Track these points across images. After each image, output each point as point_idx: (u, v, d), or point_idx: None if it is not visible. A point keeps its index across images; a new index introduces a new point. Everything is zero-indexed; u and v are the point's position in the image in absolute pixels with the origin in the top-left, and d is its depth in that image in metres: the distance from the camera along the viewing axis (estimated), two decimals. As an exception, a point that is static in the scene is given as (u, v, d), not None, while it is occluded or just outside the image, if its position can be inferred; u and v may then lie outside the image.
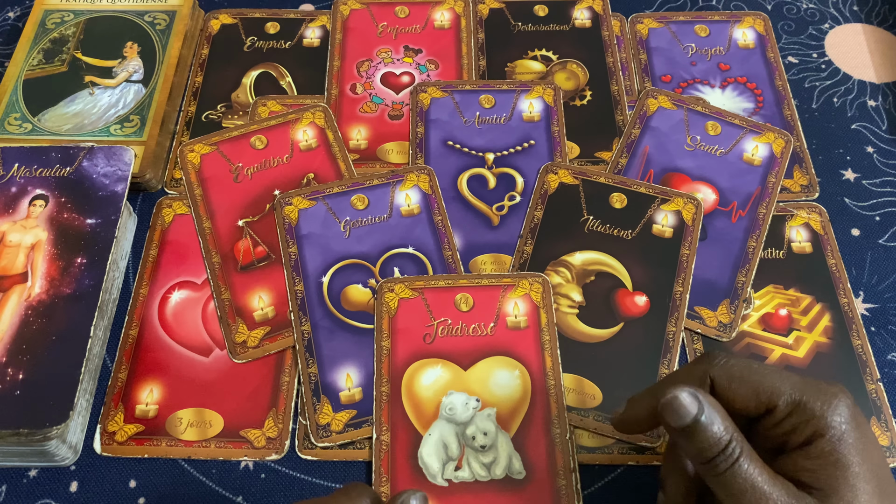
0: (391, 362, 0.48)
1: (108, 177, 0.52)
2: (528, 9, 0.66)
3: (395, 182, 0.55)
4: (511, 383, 0.47)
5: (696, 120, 0.58)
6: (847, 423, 0.32)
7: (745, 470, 0.32)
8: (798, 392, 0.33)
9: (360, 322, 0.50)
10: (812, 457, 0.32)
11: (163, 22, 0.63)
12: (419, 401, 0.46)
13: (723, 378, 0.35)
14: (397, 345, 0.48)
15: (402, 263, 0.52)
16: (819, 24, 0.67)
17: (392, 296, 0.49)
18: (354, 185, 0.54)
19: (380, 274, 0.51)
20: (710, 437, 0.32)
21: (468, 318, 0.49)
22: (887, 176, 0.58)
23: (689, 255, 0.52)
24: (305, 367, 0.48)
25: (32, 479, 0.46)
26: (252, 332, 0.49)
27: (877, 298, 0.53)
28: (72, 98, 0.60)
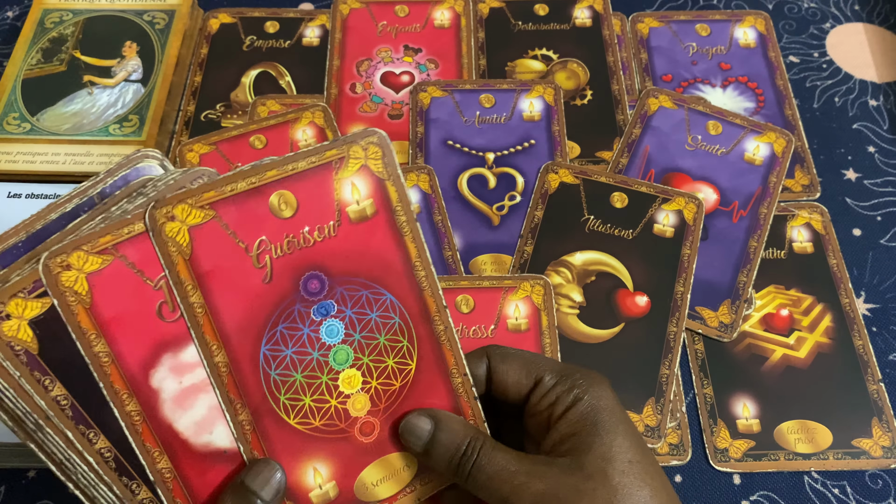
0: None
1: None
2: (529, 8, 0.66)
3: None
4: None
5: (697, 119, 0.58)
6: (604, 391, 0.35)
7: (490, 458, 0.34)
8: (563, 367, 0.36)
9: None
10: (572, 421, 0.34)
11: (162, 21, 0.63)
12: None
13: (497, 357, 0.37)
14: None
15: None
16: (820, 24, 0.66)
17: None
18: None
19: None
20: (450, 440, 0.35)
21: (468, 319, 0.49)
22: (889, 176, 0.58)
23: (690, 255, 0.52)
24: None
25: (31, 479, 0.46)
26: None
27: (878, 298, 0.53)
28: (71, 98, 0.59)
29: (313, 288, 0.35)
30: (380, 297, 0.36)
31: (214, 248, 0.33)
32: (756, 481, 0.47)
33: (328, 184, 0.35)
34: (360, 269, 0.36)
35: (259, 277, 0.34)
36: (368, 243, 0.36)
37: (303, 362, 0.35)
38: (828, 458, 0.47)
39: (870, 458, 0.47)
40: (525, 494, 0.32)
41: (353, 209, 0.35)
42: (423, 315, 0.37)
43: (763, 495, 0.46)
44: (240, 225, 0.34)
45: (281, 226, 0.34)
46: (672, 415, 0.48)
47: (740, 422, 0.48)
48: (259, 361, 0.35)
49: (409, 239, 0.36)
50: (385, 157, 0.35)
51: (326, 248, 0.35)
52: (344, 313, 0.36)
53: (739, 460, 0.47)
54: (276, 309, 0.35)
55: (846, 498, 0.46)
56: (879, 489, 0.46)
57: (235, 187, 0.33)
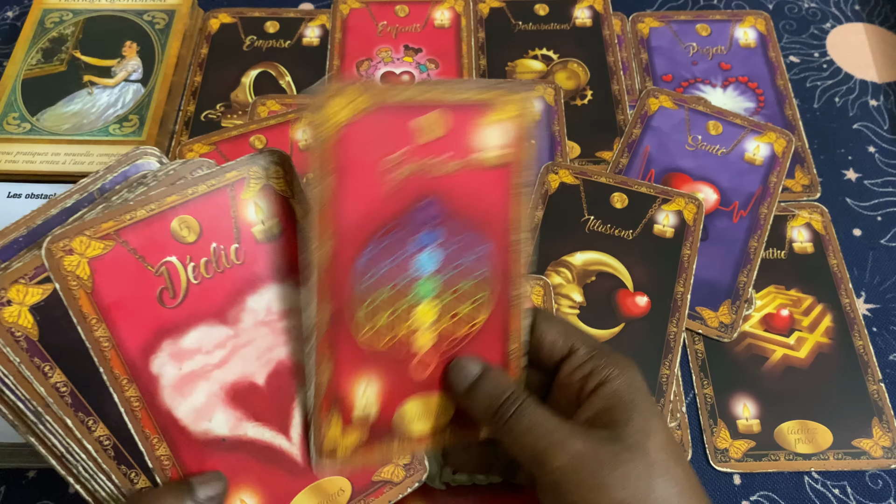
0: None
1: None
2: (529, 8, 0.66)
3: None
4: None
5: (697, 119, 0.58)
6: (637, 374, 0.35)
7: (531, 410, 0.34)
8: (598, 344, 0.37)
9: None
10: (606, 396, 0.34)
11: (162, 21, 0.63)
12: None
13: (542, 315, 0.39)
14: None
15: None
16: (820, 24, 0.66)
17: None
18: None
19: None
20: (494, 386, 0.36)
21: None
22: (889, 176, 0.58)
23: (690, 256, 0.52)
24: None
25: (31, 479, 0.46)
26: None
27: (878, 299, 0.53)
28: (71, 98, 0.59)
29: (429, 213, 0.36)
30: (481, 244, 0.37)
31: (360, 144, 0.33)
32: (756, 481, 0.47)
33: (477, 122, 0.35)
34: (474, 211, 0.36)
35: (387, 186, 0.34)
36: (491, 191, 0.36)
37: (394, 280, 0.36)
38: (828, 459, 0.47)
39: (870, 458, 0.47)
40: (562, 451, 0.33)
41: (488, 154, 0.36)
42: (507, 276, 0.38)
43: (763, 495, 0.46)
44: (389, 132, 0.34)
45: (423, 146, 0.35)
46: (672, 415, 0.48)
47: (740, 422, 0.48)
48: (357, 267, 0.35)
49: (520, 200, 0.37)
50: (528, 118, 0.36)
51: (452, 181, 0.36)
52: (447, 247, 0.37)
53: (739, 460, 0.47)
54: (390, 221, 0.35)
55: (846, 498, 0.46)
56: (880, 489, 0.46)
57: (398, 95, 0.34)
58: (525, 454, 0.34)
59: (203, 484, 0.34)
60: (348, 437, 0.37)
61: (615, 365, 0.35)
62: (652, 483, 0.32)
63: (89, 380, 0.33)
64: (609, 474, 0.32)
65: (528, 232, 0.38)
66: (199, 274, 0.34)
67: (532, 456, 0.33)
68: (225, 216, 0.35)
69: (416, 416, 0.38)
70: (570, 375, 0.36)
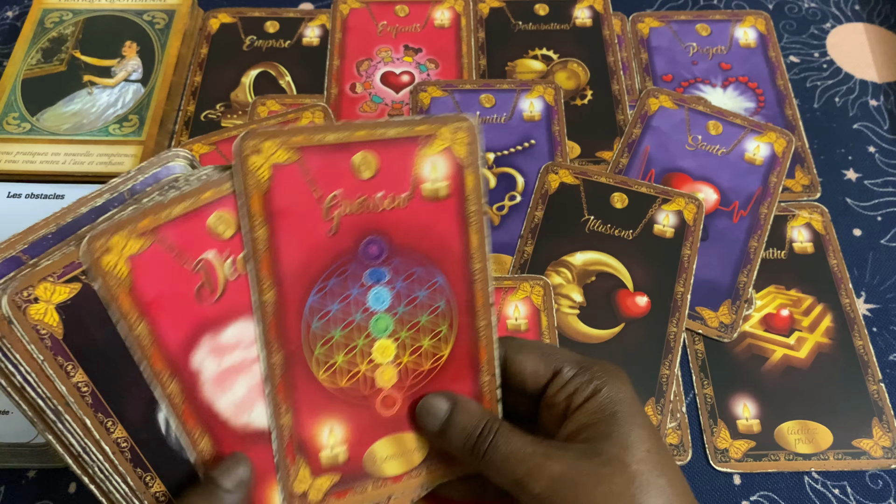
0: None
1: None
2: (529, 8, 0.66)
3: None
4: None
5: (697, 119, 0.58)
6: (623, 384, 0.35)
7: (505, 440, 0.34)
8: (581, 359, 0.36)
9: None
10: (591, 411, 0.34)
11: (162, 21, 0.63)
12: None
13: (514, 348, 0.38)
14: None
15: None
16: (820, 24, 0.66)
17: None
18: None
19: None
20: (467, 421, 0.35)
21: None
22: (889, 176, 0.58)
23: (690, 256, 0.52)
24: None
25: (31, 479, 0.46)
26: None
27: (878, 299, 0.53)
28: (70, 97, 0.59)
29: (372, 252, 0.36)
30: (432, 279, 0.37)
31: (291, 190, 0.34)
32: (756, 481, 0.47)
33: (410, 157, 0.35)
34: (421, 245, 0.36)
35: (325, 229, 0.35)
36: (434, 223, 0.36)
37: (345, 321, 0.36)
38: (828, 459, 0.47)
39: (870, 458, 0.47)
40: (541, 476, 0.32)
41: (427, 187, 0.36)
42: (469, 307, 0.37)
43: (763, 495, 0.46)
44: (320, 174, 0.34)
45: (357, 185, 0.35)
46: (672, 415, 0.48)
47: (740, 422, 0.48)
48: (304, 310, 0.35)
49: (473, 229, 0.37)
50: (471, 144, 0.36)
51: (394, 218, 0.35)
52: (394, 284, 0.36)
53: (740, 460, 0.47)
54: (332, 263, 0.35)
55: (846, 498, 0.46)
56: (880, 489, 0.46)
57: (324, 138, 0.34)
58: (506, 483, 0.34)
59: (226, 473, 0.34)
60: (319, 481, 0.37)
61: (599, 378, 0.35)
62: (634, 497, 0.31)
63: (110, 381, 0.33)
64: (591, 492, 0.31)
65: (488, 260, 0.37)
66: (235, 270, 0.34)
67: (513, 484, 0.33)
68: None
69: (387, 455, 0.37)
70: (556, 396, 0.36)
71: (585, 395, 0.35)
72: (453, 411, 0.36)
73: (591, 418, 0.34)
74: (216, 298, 0.34)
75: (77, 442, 0.33)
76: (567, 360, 0.36)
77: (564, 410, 0.35)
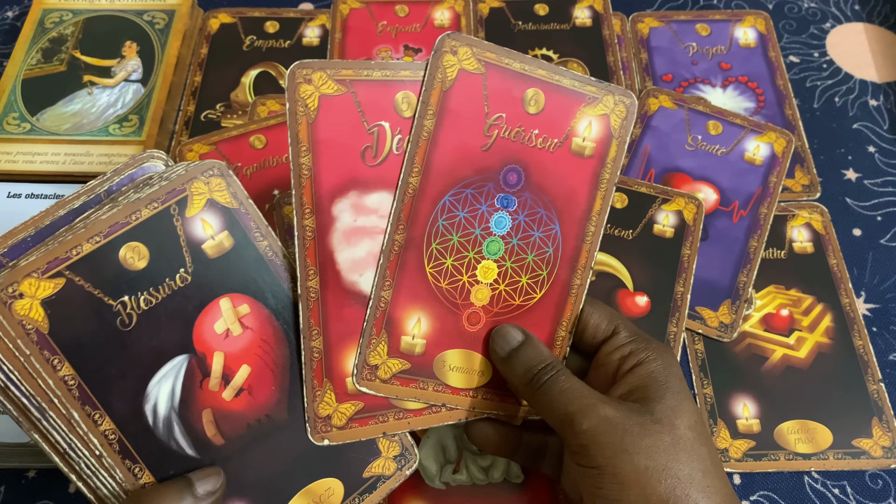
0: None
1: None
2: (529, 8, 0.66)
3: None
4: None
5: (697, 119, 0.58)
6: (674, 361, 0.37)
7: (567, 377, 0.36)
8: (639, 330, 0.39)
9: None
10: (642, 376, 0.36)
11: (162, 21, 0.63)
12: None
13: (588, 301, 0.40)
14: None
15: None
16: (820, 24, 0.66)
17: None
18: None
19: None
20: (534, 354, 0.37)
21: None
22: (889, 176, 0.58)
23: (690, 256, 0.52)
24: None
25: (31, 479, 0.46)
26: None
27: (878, 299, 0.53)
28: (70, 97, 0.59)
29: (511, 180, 0.38)
30: (550, 224, 0.39)
31: (468, 98, 0.37)
32: (756, 481, 0.47)
33: (573, 110, 0.38)
34: (553, 191, 0.39)
35: (481, 143, 0.38)
36: (571, 176, 0.39)
37: (465, 229, 0.38)
38: (828, 458, 0.47)
39: (870, 458, 0.47)
40: (592, 414, 0.34)
41: (577, 142, 0.39)
42: (572, 262, 0.40)
43: (763, 495, 0.46)
44: (495, 93, 0.37)
45: (521, 116, 0.38)
46: (672, 415, 0.48)
47: (740, 422, 0.48)
48: (438, 204, 0.38)
49: (601, 194, 0.39)
50: (625, 119, 0.39)
51: (539, 157, 0.38)
52: (518, 216, 0.39)
53: (739, 460, 0.47)
54: (475, 175, 0.38)
55: (846, 498, 0.46)
56: (879, 489, 0.46)
57: (510, 63, 0.38)
58: (555, 417, 0.35)
59: (202, 480, 0.35)
60: (392, 361, 0.39)
61: (654, 350, 0.37)
62: (678, 456, 0.33)
63: (97, 374, 0.33)
64: (636, 441, 0.33)
65: (602, 228, 0.40)
66: (401, 146, 0.37)
67: (562, 418, 0.34)
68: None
69: (456, 366, 0.39)
70: (610, 355, 0.38)
71: (639, 359, 0.36)
72: (524, 343, 0.38)
73: (642, 382, 0.35)
74: (376, 163, 0.37)
75: (63, 438, 0.33)
76: (627, 326, 0.39)
77: (615, 372, 0.37)
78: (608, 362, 0.38)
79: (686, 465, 0.33)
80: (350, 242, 0.37)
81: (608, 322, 0.39)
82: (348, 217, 0.37)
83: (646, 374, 0.36)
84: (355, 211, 0.37)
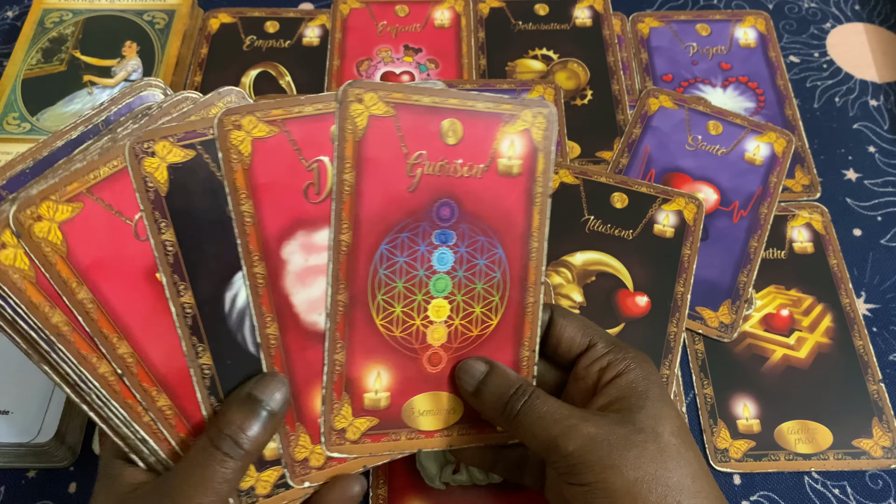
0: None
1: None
2: (529, 8, 0.66)
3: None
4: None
5: (697, 119, 0.58)
6: (653, 369, 0.37)
7: (542, 401, 0.35)
8: (614, 339, 0.38)
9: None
10: (622, 386, 0.36)
11: (162, 21, 0.63)
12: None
13: (559, 312, 0.40)
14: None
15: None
16: (820, 24, 0.66)
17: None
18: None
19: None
20: (502, 381, 0.37)
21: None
22: (889, 176, 0.58)
23: (690, 256, 0.52)
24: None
25: (31, 479, 0.46)
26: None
27: (878, 299, 0.53)
28: (71, 97, 0.59)
29: (444, 214, 0.38)
30: (493, 249, 0.38)
31: (383, 142, 0.36)
32: (756, 481, 0.47)
33: (493, 131, 0.37)
34: (488, 216, 0.38)
35: (406, 184, 0.37)
36: (503, 198, 0.38)
37: (408, 274, 0.37)
38: (828, 459, 0.47)
39: (870, 458, 0.47)
40: (575, 435, 0.33)
41: (503, 162, 0.38)
42: (522, 282, 0.39)
43: (763, 495, 0.46)
44: (411, 132, 0.36)
45: (441, 149, 0.37)
46: (672, 415, 0.48)
47: (740, 422, 0.48)
48: (375, 255, 0.37)
49: (537, 209, 0.39)
50: (547, 130, 0.38)
51: (468, 186, 0.38)
52: (459, 248, 0.38)
53: (739, 460, 0.47)
54: (407, 217, 0.37)
55: (846, 498, 0.46)
56: (880, 489, 0.46)
57: (420, 99, 0.36)
58: (538, 443, 0.35)
59: (269, 392, 0.35)
60: (359, 421, 0.38)
61: (632, 359, 0.36)
62: (665, 464, 0.33)
63: (195, 248, 0.35)
64: (623, 454, 0.33)
65: (545, 241, 0.39)
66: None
67: (545, 443, 0.34)
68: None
69: (425, 410, 0.39)
70: (588, 368, 0.37)
71: (618, 370, 0.36)
72: (489, 373, 0.38)
73: (622, 392, 0.35)
74: (320, 199, 0.36)
75: (73, 370, 0.33)
76: (602, 337, 0.38)
77: (594, 384, 0.37)
78: (587, 375, 0.37)
79: (675, 472, 0.33)
80: (305, 283, 0.36)
81: (583, 335, 0.39)
82: (299, 258, 0.36)
83: (625, 385, 0.36)
84: (305, 251, 0.36)
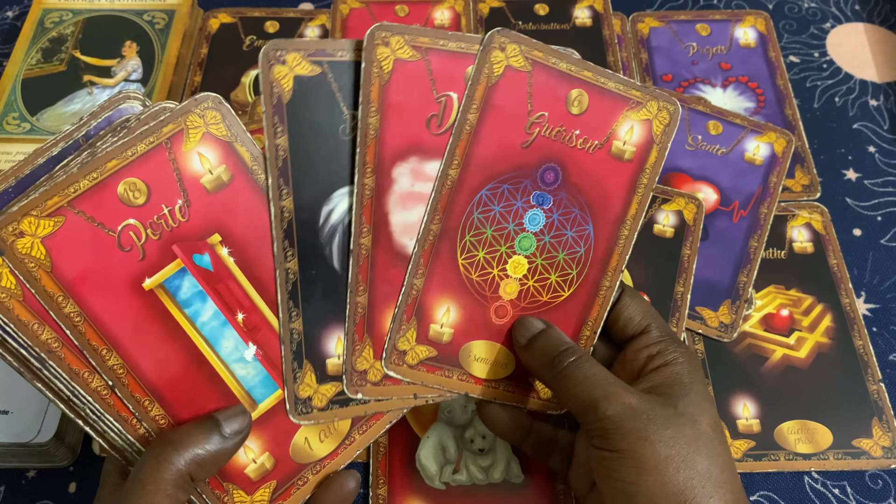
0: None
1: None
2: (529, 8, 0.66)
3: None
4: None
5: (697, 119, 0.58)
6: (700, 366, 0.37)
7: (590, 363, 0.36)
8: (671, 331, 0.39)
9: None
10: (667, 375, 0.36)
11: (162, 21, 0.63)
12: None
13: (629, 292, 0.41)
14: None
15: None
16: (820, 24, 0.66)
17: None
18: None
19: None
20: (555, 339, 0.38)
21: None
22: (889, 176, 0.58)
23: (690, 256, 0.52)
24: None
25: (31, 479, 0.46)
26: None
27: (878, 299, 0.53)
28: (70, 97, 0.59)
29: (548, 178, 0.39)
30: (584, 225, 0.40)
31: (513, 94, 0.38)
32: (756, 481, 0.47)
33: (617, 113, 0.39)
34: (589, 192, 0.39)
35: (522, 140, 0.38)
36: (608, 179, 0.39)
37: (499, 224, 0.39)
38: (828, 459, 0.47)
39: (870, 458, 0.47)
40: (616, 401, 0.34)
41: (617, 145, 0.39)
42: (603, 264, 0.40)
43: (763, 495, 0.46)
44: (540, 92, 0.38)
45: (563, 115, 0.39)
46: (672, 415, 0.48)
47: (740, 422, 0.48)
48: (474, 198, 0.38)
49: (637, 199, 0.40)
50: (668, 126, 0.40)
51: (578, 158, 0.39)
52: (552, 214, 0.39)
53: (739, 460, 0.47)
54: (513, 171, 0.38)
55: (846, 498, 0.46)
56: (879, 489, 0.46)
57: (558, 63, 0.38)
58: (577, 402, 0.35)
59: (229, 419, 0.36)
60: (420, 348, 0.39)
61: (682, 353, 0.37)
62: (699, 450, 0.33)
63: (307, 156, 0.36)
64: (660, 430, 0.33)
65: (636, 232, 0.40)
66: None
67: (585, 403, 0.35)
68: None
69: (480, 356, 0.40)
70: (639, 352, 0.38)
71: (666, 359, 0.37)
72: (544, 330, 0.39)
73: (667, 380, 0.36)
74: (440, 132, 0.37)
75: (65, 386, 0.33)
76: (660, 325, 0.39)
77: (640, 369, 0.37)
78: (636, 358, 0.38)
79: (706, 460, 0.33)
80: (405, 206, 0.38)
81: (642, 317, 0.40)
82: (406, 181, 0.38)
83: (671, 374, 0.36)
84: (414, 176, 0.38)
